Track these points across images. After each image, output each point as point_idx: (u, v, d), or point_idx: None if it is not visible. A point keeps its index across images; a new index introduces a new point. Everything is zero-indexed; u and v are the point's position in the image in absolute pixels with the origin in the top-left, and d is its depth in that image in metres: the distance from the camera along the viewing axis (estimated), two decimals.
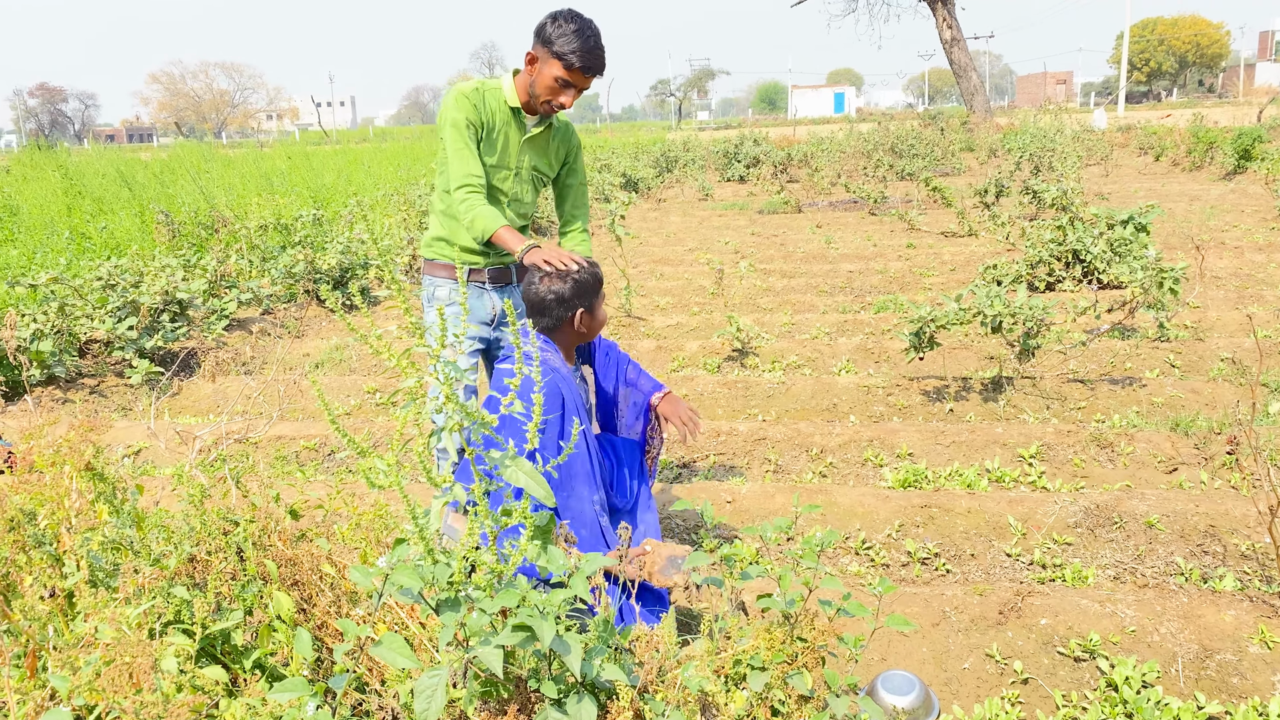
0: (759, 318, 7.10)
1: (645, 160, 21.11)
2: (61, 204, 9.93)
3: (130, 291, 6.12)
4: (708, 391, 5.39)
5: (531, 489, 1.98)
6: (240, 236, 8.25)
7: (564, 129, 3.46)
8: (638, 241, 12.01)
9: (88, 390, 5.85)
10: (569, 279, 2.86)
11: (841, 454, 4.48)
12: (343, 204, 10.94)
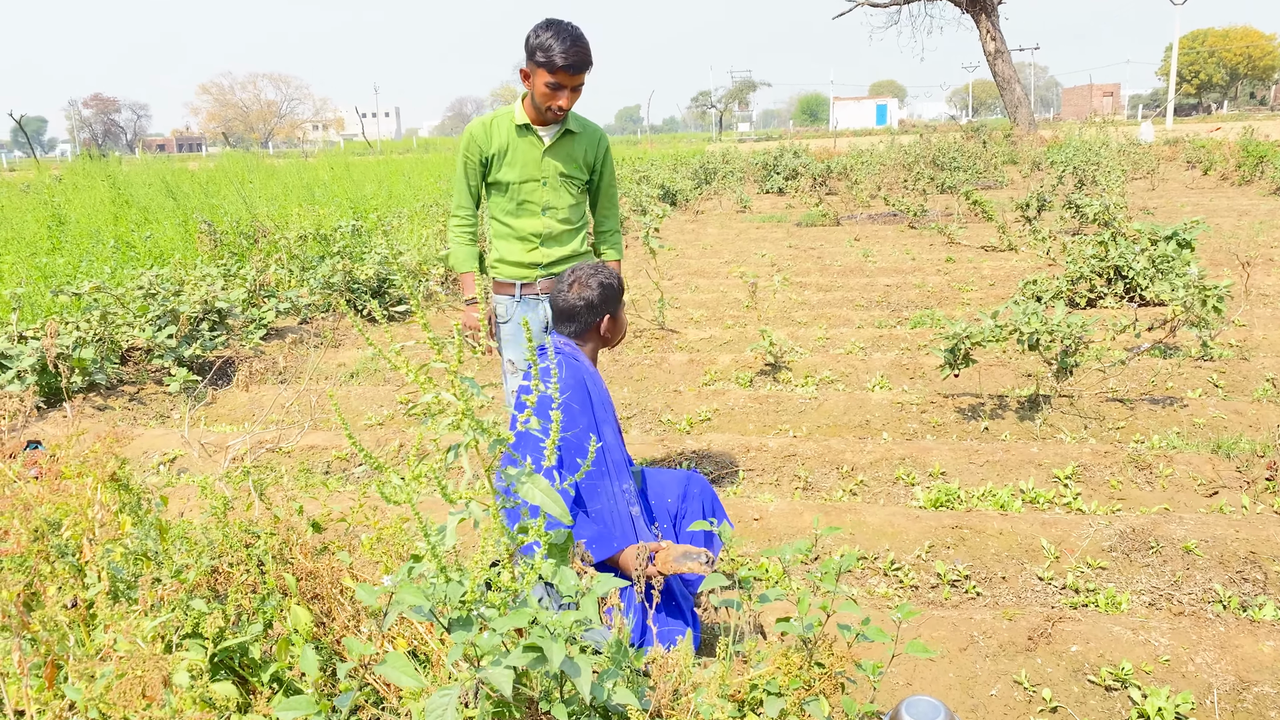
0: (793, 331, 7.05)
1: (684, 172, 21.13)
2: (109, 213, 10.12)
3: (170, 300, 6.22)
4: (739, 406, 5.36)
5: (548, 507, 1.97)
6: (280, 246, 8.35)
7: (588, 133, 3.56)
8: (674, 254, 12.01)
9: (127, 397, 5.94)
10: (598, 286, 2.93)
11: (873, 472, 4.43)
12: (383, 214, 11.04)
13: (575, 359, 2.95)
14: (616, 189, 3.71)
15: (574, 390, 2.82)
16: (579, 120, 3.54)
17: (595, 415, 2.87)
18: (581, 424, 2.82)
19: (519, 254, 3.56)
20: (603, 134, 3.61)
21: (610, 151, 3.64)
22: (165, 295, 6.25)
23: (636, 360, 6.38)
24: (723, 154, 24.58)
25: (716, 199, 18.80)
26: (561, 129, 3.47)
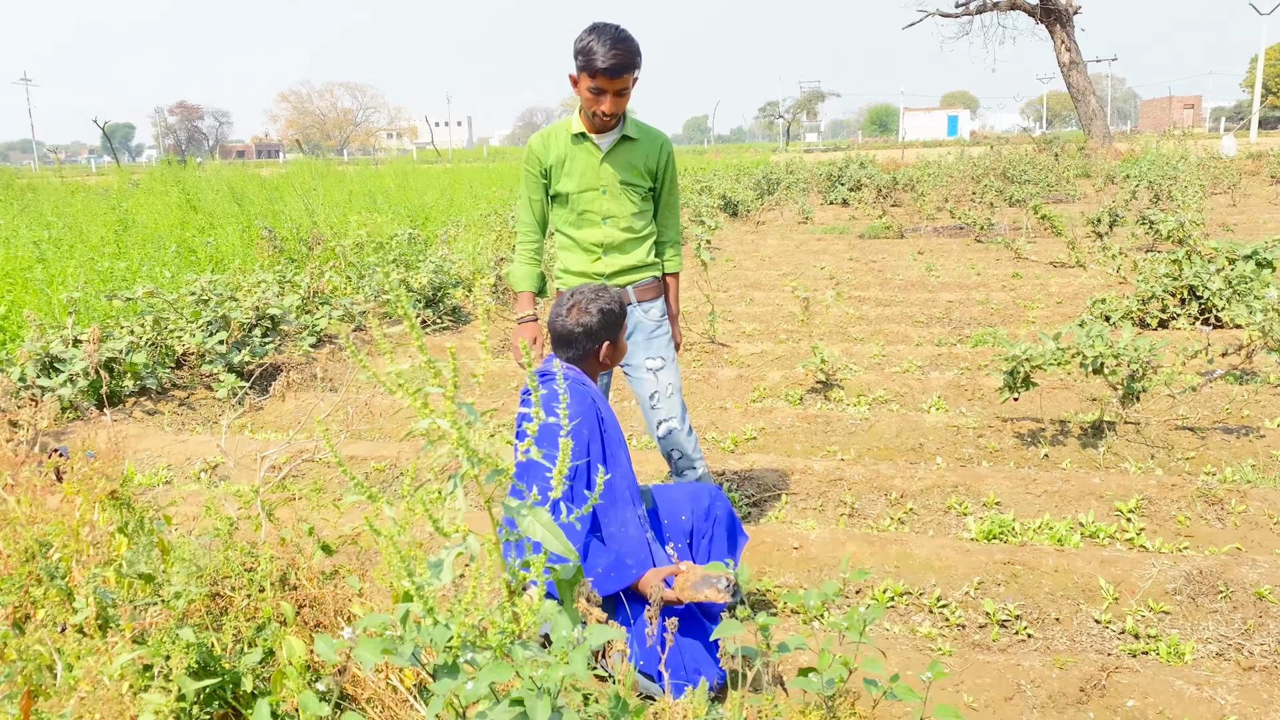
0: (848, 348, 6.86)
1: (746, 182, 20.94)
2: (175, 218, 10.30)
3: (222, 306, 6.25)
4: (786, 425, 5.20)
5: (549, 543, 1.85)
6: (337, 254, 8.39)
7: (649, 139, 3.41)
8: (731, 265, 11.85)
9: (177, 402, 5.97)
10: (597, 312, 2.83)
11: (923, 499, 4.23)
12: (442, 223, 11.06)
13: (582, 383, 2.84)
14: (678, 198, 3.57)
15: (584, 417, 2.71)
16: (639, 126, 3.40)
17: (605, 441, 2.76)
18: (592, 451, 2.71)
19: (582, 264, 3.44)
20: (665, 140, 3.46)
21: (673, 159, 3.50)
22: (217, 301, 6.29)
23: (684, 374, 6.25)
24: (786, 164, 24.36)
25: (778, 210, 18.57)
26: (619, 136, 3.34)
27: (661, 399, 3.46)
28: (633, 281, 3.44)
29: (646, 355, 3.45)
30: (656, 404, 3.46)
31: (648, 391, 3.46)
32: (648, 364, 3.45)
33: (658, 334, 3.48)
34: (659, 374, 3.45)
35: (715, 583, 2.49)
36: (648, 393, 3.47)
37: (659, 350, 3.47)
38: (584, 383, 2.84)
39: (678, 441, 3.49)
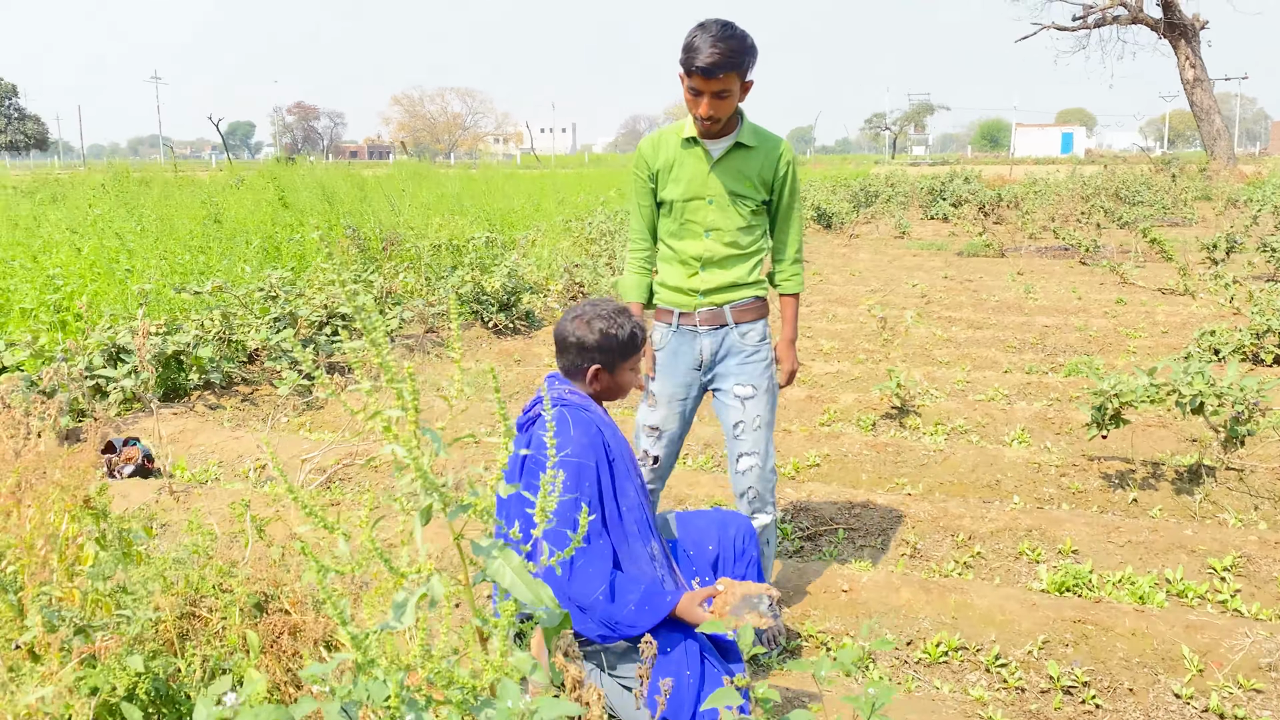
0: (930, 371, 6.51)
1: (842, 194, 20.48)
2: (266, 215, 10.47)
3: (290, 303, 6.25)
4: (853, 452, 4.91)
5: (517, 590, 1.66)
6: (414, 255, 8.38)
7: (766, 147, 3.08)
8: (818, 279, 11.53)
9: (240, 398, 5.99)
10: (599, 331, 2.60)
11: (992, 543, 3.91)
12: (524, 228, 11.01)
13: (585, 409, 2.63)
14: (800, 212, 3.21)
15: (590, 448, 2.51)
16: (757, 132, 3.08)
17: (615, 474, 2.55)
18: (603, 486, 2.51)
19: (679, 278, 3.17)
20: (785, 148, 3.11)
21: (795, 169, 3.14)
22: (286, 298, 6.29)
23: None
24: (887, 177, 23.79)
25: (874, 223, 18.09)
26: (732, 142, 3.04)
27: (747, 430, 3.15)
28: (730, 301, 3.13)
29: (737, 381, 3.14)
30: (740, 435, 3.16)
31: (733, 420, 3.17)
32: (737, 390, 3.14)
33: (753, 360, 3.15)
34: (747, 403, 3.15)
35: (757, 604, 2.26)
36: (732, 421, 3.17)
37: (752, 378, 3.15)
38: (587, 408, 2.64)
39: (755, 480, 3.18)
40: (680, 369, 3.19)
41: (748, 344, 3.15)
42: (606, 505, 2.54)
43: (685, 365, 3.19)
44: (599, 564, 2.42)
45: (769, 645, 3.16)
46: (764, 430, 3.18)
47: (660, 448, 3.24)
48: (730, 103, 2.91)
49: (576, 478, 2.48)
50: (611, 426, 2.64)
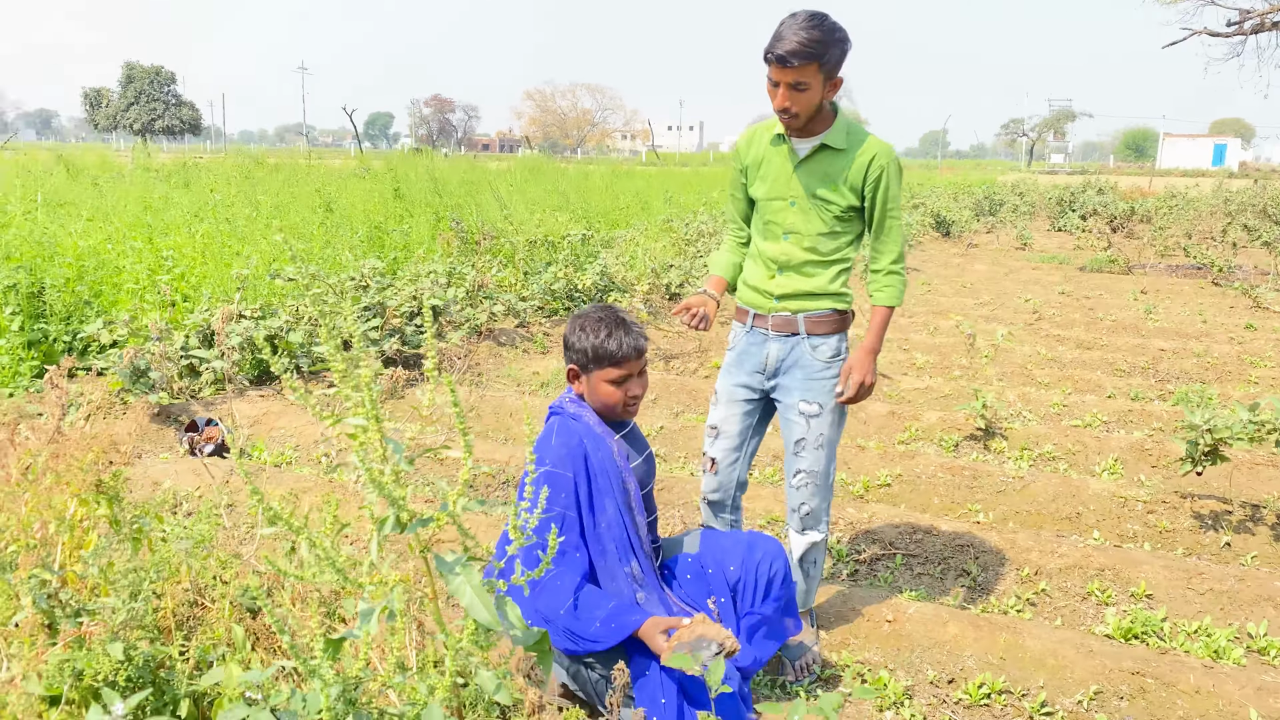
0: (1026, 392, 6.22)
1: (965, 202, 19.85)
2: (378, 205, 10.77)
3: (380, 293, 6.39)
4: (927, 474, 4.72)
5: (474, 610, 1.63)
6: (509, 250, 8.47)
7: (859, 150, 2.87)
8: (926, 289, 11.19)
9: (326, 384, 6.15)
10: (589, 338, 2.55)
11: (1060, 580, 3.70)
12: (626, 226, 11.02)
13: (576, 419, 2.58)
14: (898, 220, 2.95)
15: (568, 459, 2.47)
16: (851, 134, 2.88)
17: (593, 489, 2.50)
18: (580, 500, 2.47)
19: (758, 278, 3.05)
20: (880, 152, 2.86)
21: (891, 175, 2.88)
22: (377, 288, 6.44)
23: None
24: (1014, 185, 22.94)
25: (995, 233, 17.48)
26: (819, 142, 2.86)
27: (807, 448, 3.00)
28: (805, 310, 2.97)
29: (802, 398, 2.98)
30: (800, 452, 3.01)
31: (795, 436, 3.02)
32: (802, 406, 2.98)
33: (821, 376, 2.97)
34: (811, 421, 2.98)
35: (703, 648, 2.17)
36: (794, 437, 3.02)
37: (818, 395, 2.97)
38: (578, 418, 2.60)
39: (809, 497, 3.04)
40: (745, 370, 3.08)
41: (818, 358, 2.97)
42: (584, 518, 2.50)
43: (750, 368, 3.07)
44: (568, 577, 2.39)
45: (803, 674, 3.06)
46: (825, 449, 3.03)
47: (718, 449, 3.13)
48: (809, 97, 2.74)
49: (552, 488, 2.46)
50: (598, 440, 2.59)
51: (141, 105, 57.71)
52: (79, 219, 7.42)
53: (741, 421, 3.12)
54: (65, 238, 6.57)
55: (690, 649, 2.20)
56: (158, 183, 12.75)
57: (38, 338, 5.71)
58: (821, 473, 3.01)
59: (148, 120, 57.59)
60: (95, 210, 8.41)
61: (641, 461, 2.76)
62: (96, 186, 12.12)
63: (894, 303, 3.00)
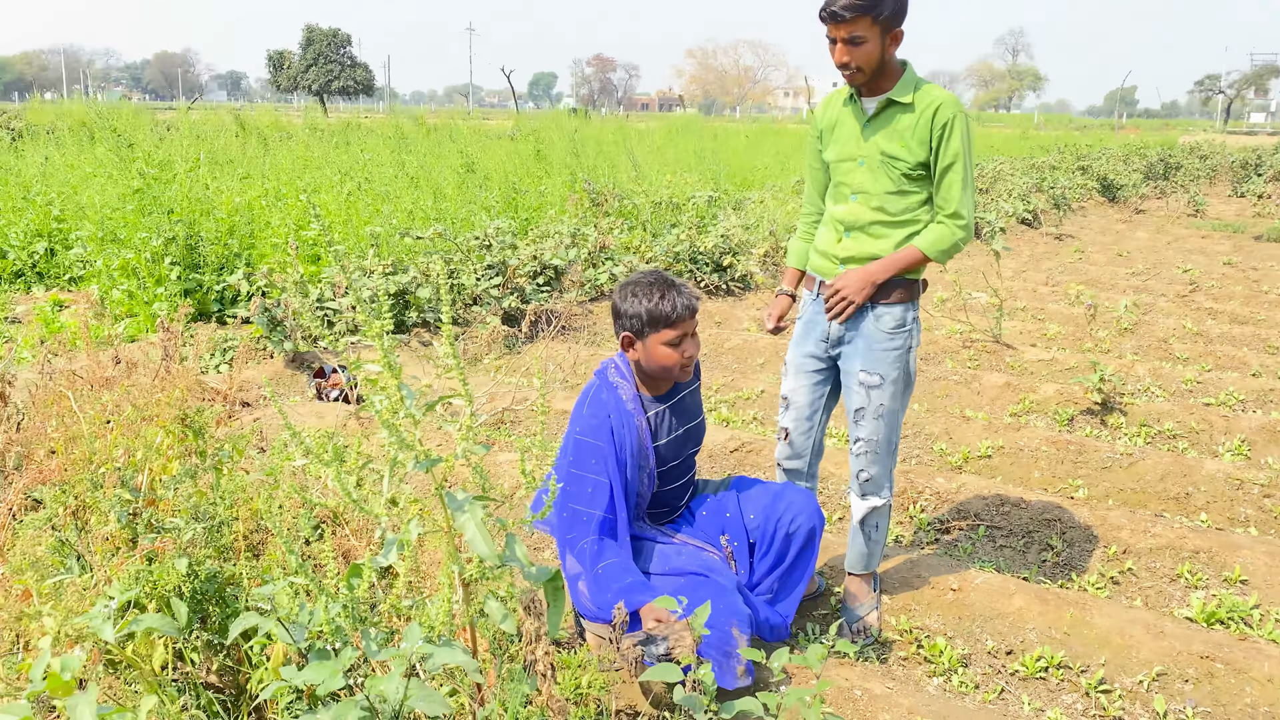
0: (1158, 367, 5.93)
1: (1136, 164, 18.72)
2: (519, 166, 11.08)
3: (503, 253, 6.64)
4: (1030, 447, 4.60)
5: (476, 544, 1.77)
6: (633, 211, 8.59)
7: (924, 104, 2.81)
8: (1078, 256, 10.71)
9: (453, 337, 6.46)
10: (627, 297, 2.62)
11: (1149, 560, 3.58)
12: (760, 186, 10.97)
13: (612, 389, 2.68)
14: (961, 175, 2.85)
15: (597, 430, 2.61)
16: (918, 89, 2.82)
17: (616, 456, 2.61)
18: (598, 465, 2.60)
19: (827, 243, 3.03)
20: (943, 104, 2.79)
21: (955, 127, 2.79)
22: (499, 247, 6.69)
23: (943, 375, 5.74)
24: (1194, 147, 21.46)
25: (1167, 199, 16.44)
26: (885, 99, 2.82)
27: (867, 417, 2.99)
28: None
29: (862, 367, 2.95)
30: (859, 420, 3.01)
31: (854, 405, 3.01)
32: (861, 376, 2.96)
33: (885, 347, 2.93)
34: (871, 391, 2.96)
35: (650, 644, 2.26)
36: (854, 406, 3.01)
37: (881, 367, 2.94)
38: (614, 389, 2.70)
39: (868, 464, 3.03)
40: (811, 339, 3.07)
41: (881, 329, 2.93)
42: (625, 478, 2.62)
43: (815, 337, 3.06)
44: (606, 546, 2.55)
45: (859, 636, 3.10)
46: (885, 419, 3.00)
47: (789, 419, 3.15)
48: (866, 51, 2.72)
49: (579, 455, 2.58)
50: (626, 416, 2.68)
51: (319, 67, 60.61)
52: (236, 177, 7.98)
53: (811, 392, 3.12)
54: (221, 194, 7.10)
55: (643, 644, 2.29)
56: (320, 142, 13.45)
57: (192, 287, 6.23)
58: (881, 441, 3.00)
59: (325, 81, 60.47)
60: (253, 168, 9.00)
61: (681, 433, 2.85)
62: (265, 145, 12.92)
63: (928, 249, 2.86)
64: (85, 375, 2.48)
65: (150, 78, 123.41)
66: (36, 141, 12.00)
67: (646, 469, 2.74)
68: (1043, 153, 20.90)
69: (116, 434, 2.17)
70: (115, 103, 16.82)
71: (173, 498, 2.18)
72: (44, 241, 7.63)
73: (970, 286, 8.01)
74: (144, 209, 6.32)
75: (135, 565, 2.03)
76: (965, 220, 2.85)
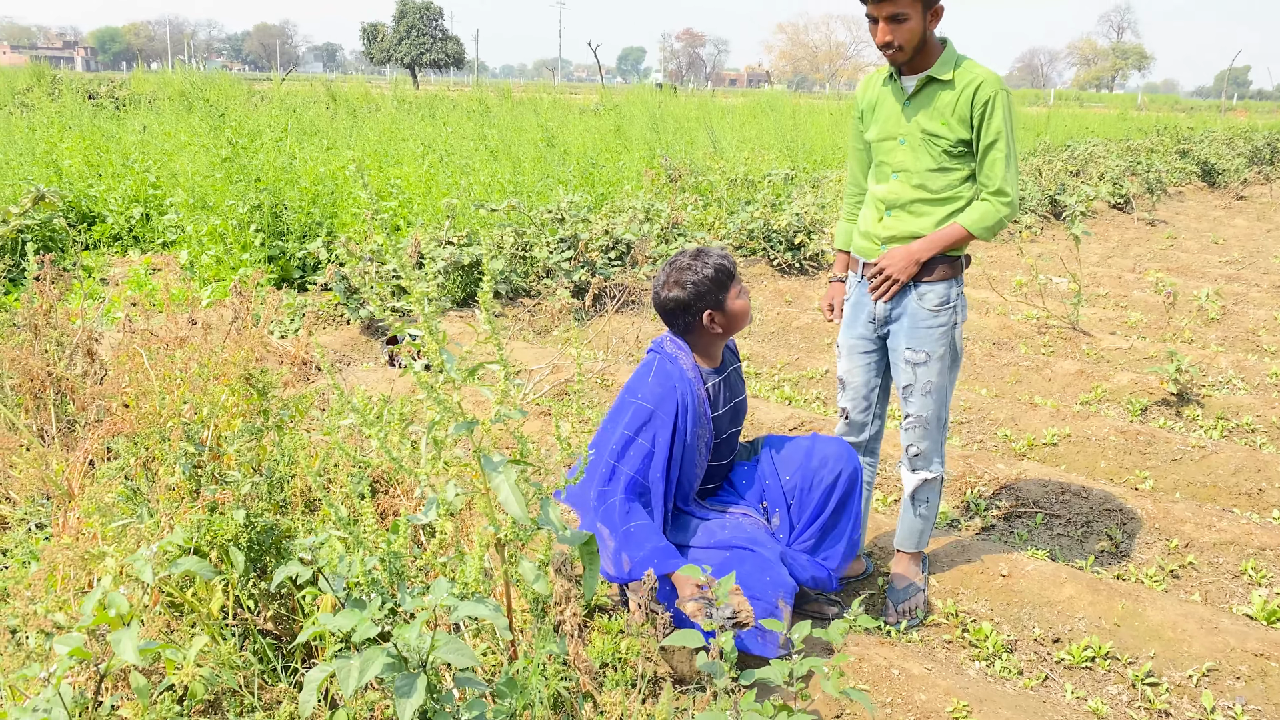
0: (1243, 359, 5.74)
1: (1241, 148, 17.96)
2: (599, 141, 11.14)
3: (575, 226, 6.71)
4: (1098, 437, 4.51)
5: (508, 505, 1.84)
6: (707, 188, 8.59)
7: (965, 81, 2.80)
8: (1170, 242, 10.37)
9: (523, 309, 6.57)
10: (688, 285, 2.66)
11: (1212, 555, 3.50)
12: (838, 165, 10.85)
13: (673, 360, 2.73)
14: (1004, 153, 2.83)
15: (664, 398, 2.67)
16: (958, 65, 2.82)
17: (676, 426, 2.67)
18: (658, 441, 2.64)
19: (869, 223, 3.04)
20: (984, 82, 2.78)
21: (997, 105, 2.78)
22: (572, 221, 6.76)
23: (1014, 360, 5.64)
24: None
25: (1272, 184, 15.76)
26: (925, 76, 2.82)
27: (915, 394, 3.00)
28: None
29: (908, 345, 2.97)
30: (908, 397, 3.03)
31: (903, 382, 3.03)
32: (907, 354, 2.97)
33: (929, 325, 2.94)
34: (918, 369, 2.97)
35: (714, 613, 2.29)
36: (902, 383, 3.03)
37: (927, 344, 2.95)
38: (674, 360, 2.74)
39: (918, 438, 3.06)
40: (860, 321, 3.09)
41: (925, 306, 2.94)
42: (675, 450, 2.66)
43: (864, 318, 3.07)
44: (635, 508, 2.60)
45: (904, 616, 3.11)
46: (934, 395, 3.01)
47: (847, 399, 3.18)
48: (909, 28, 2.71)
49: (634, 418, 2.62)
50: (690, 384, 2.72)
51: (412, 40, 61.48)
52: (323, 147, 8.21)
53: (865, 373, 3.14)
54: (305, 164, 7.31)
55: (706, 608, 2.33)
56: (406, 115, 13.70)
57: (276, 253, 6.44)
58: (930, 418, 3.01)
59: (417, 54, 61.32)
60: (339, 139, 9.23)
61: (729, 409, 2.90)
62: (354, 116, 13.22)
63: (971, 226, 2.85)
64: (161, 335, 2.62)
65: (250, 49, 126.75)
66: (137, 110, 12.47)
67: (705, 438, 2.79)
68: (1140, 135, 20.18)
69: (183, 390, 2.29)
70: (214, 73, 17.36)
71: (234, 452, 2.30)
72: (140, 207, 7.95)
73: (1050, 271, 7.83)
74: (231, 177, 6.55)
75: (197, 515, 2.15)
76: (1010, 197, 2.84)
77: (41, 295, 3.38)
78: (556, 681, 1.81)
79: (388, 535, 1.86)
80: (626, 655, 2.40)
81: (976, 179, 2.92)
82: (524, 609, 2.05)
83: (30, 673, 1.50)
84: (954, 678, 2.71)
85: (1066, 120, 22.05)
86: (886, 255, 2.93)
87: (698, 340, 2.82)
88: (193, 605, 2.06)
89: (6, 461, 2.68)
